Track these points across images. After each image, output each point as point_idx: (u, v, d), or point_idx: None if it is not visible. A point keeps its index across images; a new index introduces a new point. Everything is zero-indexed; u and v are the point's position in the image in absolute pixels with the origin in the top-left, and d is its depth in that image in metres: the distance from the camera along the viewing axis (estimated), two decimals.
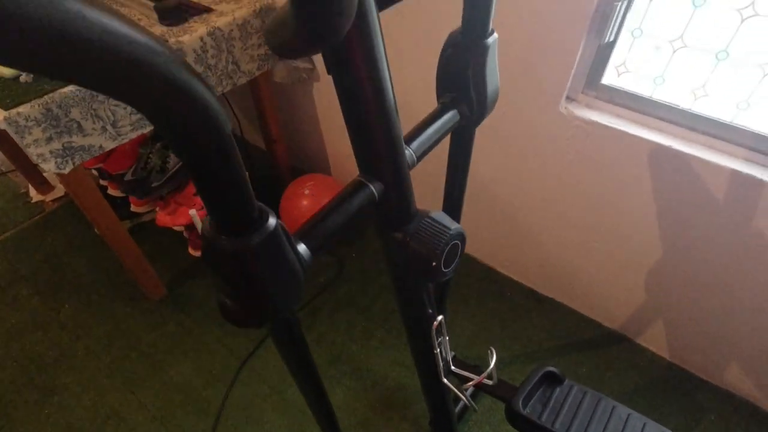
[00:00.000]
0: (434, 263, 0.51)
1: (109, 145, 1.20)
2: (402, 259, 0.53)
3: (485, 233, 1.59)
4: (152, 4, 1.27)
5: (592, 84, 1.10)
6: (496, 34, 0.54)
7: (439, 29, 1.19)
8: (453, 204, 0.73)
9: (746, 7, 0.86)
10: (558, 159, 1.23)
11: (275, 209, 1.73)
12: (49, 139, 1.08)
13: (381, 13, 0.39)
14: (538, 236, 1.46)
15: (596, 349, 1.48)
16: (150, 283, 1.60)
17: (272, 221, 0.36)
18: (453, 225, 0.52)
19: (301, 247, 0.43)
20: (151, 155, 1.61)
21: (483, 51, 0.53)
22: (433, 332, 0.69)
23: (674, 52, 0.98)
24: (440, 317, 0.69)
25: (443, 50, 0.56)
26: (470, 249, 1.70)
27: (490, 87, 0.57)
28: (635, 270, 1.31)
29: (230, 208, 0.33)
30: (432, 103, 0.59)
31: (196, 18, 1.32)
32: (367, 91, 0.41)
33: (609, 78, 1.08)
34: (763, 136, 0.96)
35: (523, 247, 1.53)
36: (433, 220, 0.52)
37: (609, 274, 1.38)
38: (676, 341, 1.39)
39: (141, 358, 1.49)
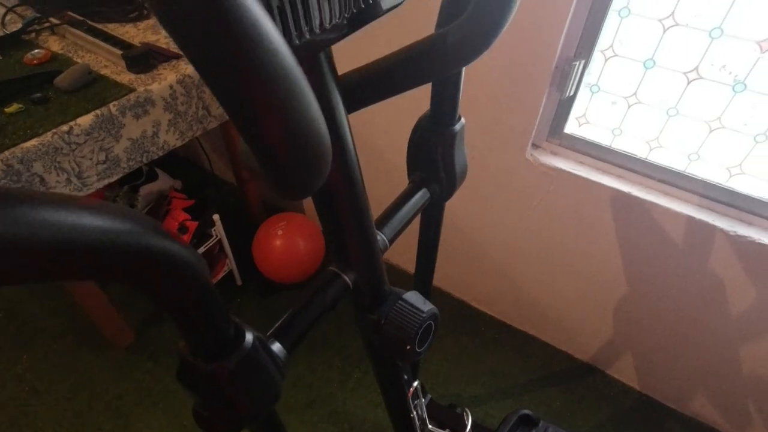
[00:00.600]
0: (408, 347, 0.52)
1: None
2: (376, 340, 0.54)
3: (459, 269, 1.61)
4: (120, 52, 1.26)
5: (555, 133, 1.15)
6: (463, 120, 0.56)
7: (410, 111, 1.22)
8: (424, 277, 0.74)
9: (691, 70, 0.92)
10: (526, 202, 1.27)
11: (247, 248, 1.71)
12: None
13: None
14: (509, 273, 1.50)
15: (568, 382, 1.51)
16: (116, 330, 1.54)
17: (249, 338, 0.36)
18: (426, 307, 0.53)
19: (276, 347, 0.43)
20: (117, 198, 1.57)
21: (451, 136, 0.55)
22: (409, 398, 0.69)
23: (629, 107, 1.04)
24: (416, 383, 0.69)
25: (413, 132, 0.58)
26: (444, 284, 1.72)
27: (459, 166, 0.59)
28: (602, 305, 1.36)
29: (205, 334, 0.33)
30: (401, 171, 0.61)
31: (164, 65, 1.31)
32: (341, 196, 0.42)
33: (571, 128, 1.14)
34: (713, 184, 1.02)
35: (495, 283, 1.56)
36: (406, 302, 0.53)
37: (578, 309, 1.43)
38: (644, 372, 1.44)
39: (107, 411, 1.42)
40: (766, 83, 0.87)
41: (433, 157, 0.57)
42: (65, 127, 1.09)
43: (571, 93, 1.06)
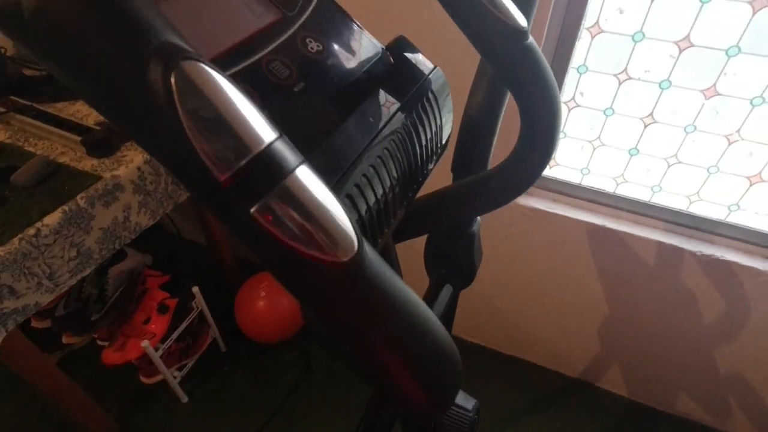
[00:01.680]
0: None
1: (46, 299, 1.10)
2: None
3: None
4: (78, 138, 1.20)
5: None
6: (479, 218, 0.59)
7: None
8: None
9: (647, 116, 1.01)
10: (507, 240, 1.33)
11: (228, 310, 1.65)
12: None
13: None
14: (495, 303, 1.55)
15: (564, 400, 1.57)
16: (96, 421, 1.44)
17: None
18: (470, 404, 0.55)
19: None
20: (84, 283, 1.48)
21: (470, 237, 0.58)
22: None
23: (594, 149, 1.12)
24: None
25: (429, 238, 0.60)
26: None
27: (477, 258, 0.62)
28: (586, 325, 1.43)
29: None
30: None
31: (127, 145, 1.26)
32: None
33: (548, 171, 1.20)
34: (676, 211, 1.12)
35: (482, 314, 1.61)
36: (454, 405, 0.54)
37: (563, 331, 1.49)
38: (632, 380, 1.52)
39: None
40: (713, 124, 0.97)
41: (455, 258, 0.59)
42: (32, 230, 1.02)
43: None
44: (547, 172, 1.22)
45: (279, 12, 0.33)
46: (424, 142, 0.36)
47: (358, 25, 0.37)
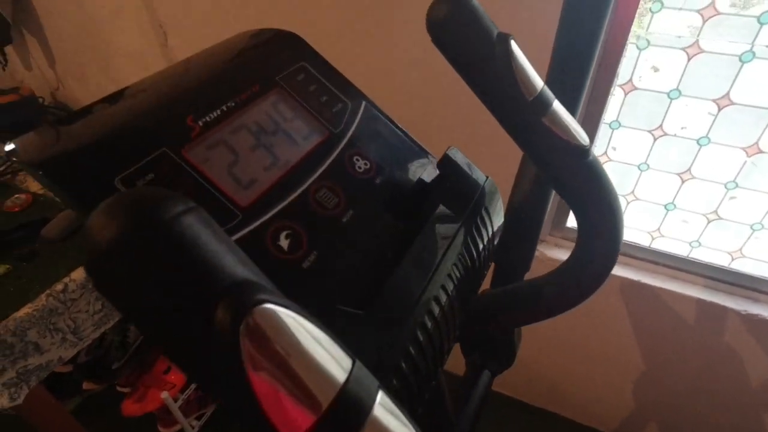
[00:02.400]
0: None
1: (70, 354, 1.09)
2: None
3: None
4: None
5: (558, 227, 1.18)
6: None
7: None
8: None
9: (685, 171, 0.98)
10: None
11: None
12: (1, 372, 0.96)
13: None
14: (520, 353, 1.48)
15: None
16: None
17: None
18: None
19: None
20: (107, 331, 1.47)
21: None
22: None
23: (628, 203, 1.08)
24: None
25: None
26: (456, 369, 1.68)
27: (517, 342, 0.59)
28: (620, 379, 1.36)
29: None
30: None
31: None
32: None
33: (572, 221, 1.17)
34: (717, 267, 1.06)
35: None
36: None
37: (597, 386, 1.42)
38: None
39: None
40: (756, 181, 0.93)
41: (493, 345, 0.56)
42: (60, 286, 1.02)
43: None
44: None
45: (326, 130, 0.32)
46: (481, 256, 0.33)
47: (405, 134, 0.36)
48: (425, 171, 0.34)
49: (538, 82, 0.30)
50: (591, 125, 0.98)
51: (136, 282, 0.13)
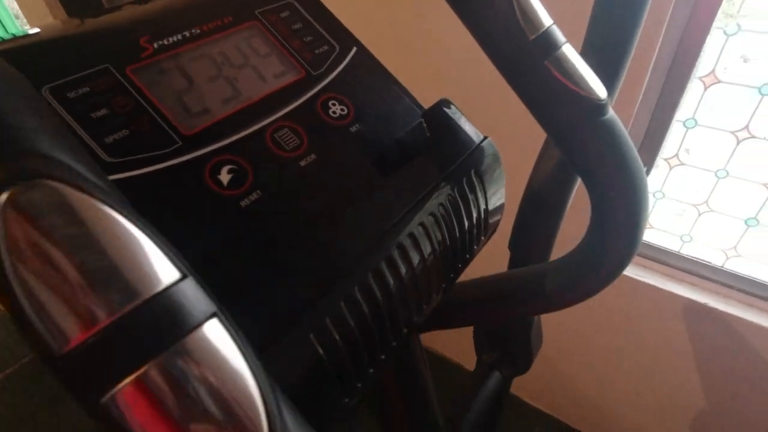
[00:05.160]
0: None
1: None
2: None
3: None
4: None
5: None
6: None
7: None
8: None
9: None
10: (590, 310, 1.17)
11: None
12: None
13: None
14: (565, 371, 1.38)
15: None
16: None
17: None
18: None
19: None
20: None
21: (528, 321, 0.49)
22: None
23: (699, 215, 0.95)
24: None
25: None
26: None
27: (535, 346, 0.52)
28: (669, 412, 1.21)
29: None
30: None
31: None
32: None
33: None
34: None
35: (550, 379, 1.44)
36: None
37: (640, 412, 1.28)
38: None
39: None
40: None
41: (508, 343, 0.50)
42: None
43: None
44: None
45: (302, 70, 0.29)
46: (463, 229, 0.29)
47: (397, 85, 0.32)
48: (412, 126, 0.30)
49: (546, 19, 0.25)
50: (662, 122, 0.88)
51: None
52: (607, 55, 0.36)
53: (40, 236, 0.11)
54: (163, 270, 0.12)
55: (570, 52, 0.25)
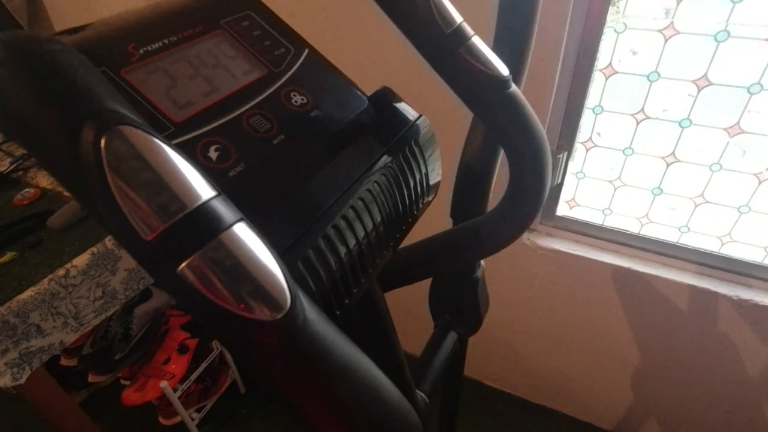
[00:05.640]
0: None
1: (71, 339, 1.13)
2: None
3: (471, 350, 1.59)
4: None
5: (548, 216, 1.19)
6: (483, 263, 0.58)
7: None
8: (450, 412, 0.72)
9: (669, 155, 0.98)
10: (528, 282, 1.28)
11: None
12: (4, 352, 1.00)
13: None
14: (520, 350, 1.48)
15: None
16: None
17: None
18: None
19: None
20: (111, 322, 1.51)
21: (473, 284, 0.56)
22: None
23: (615, 189, 1.09)
24: None
25: (433, 282, 0.59)
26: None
27: (482, 304, 0.60)
28: (618, 373, 1.34)
29: None
30: None
31: None
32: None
33: (563, 210, 1.18)
34: (708, 252, 1.06)
35: (507, 361, 1.54)
36: None
37: (593, 380, 1.41)
38: None
39: None
40: (740, 162, 0.93)
41: (458, 305, 0.57)
42: (61, 271, 1.07)
43: (559, 181, 1.10)
44: (567, 212, 1.19)
45: (265, 68, 0.35)
46: (408, 189, 0.36)
47: (345, 79, 0.38)
48: (361, 110, 0.36)
49: (457, 17, 0.32)
50: (574, 110, 1.00)
51: (20, 94, 0.16)
52: (513, 43, 0.44)
53: (130, 162, 0.16)
54: (205, 188, 0.17)
55: (478, 42, 0.33)
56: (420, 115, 0.37)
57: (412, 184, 0.35)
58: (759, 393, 1.16)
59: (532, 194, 0.37)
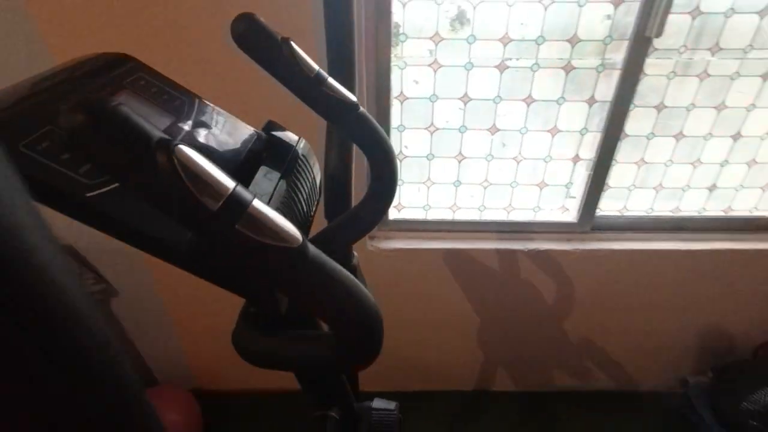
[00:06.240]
0: None
1: None
2: None
3: None
4: None
5: (383, 222, 1.41)
6: (356, 254, 0.72)
7: None
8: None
9: (458, 154, 1.30)
10: (382, 281, 1.48)
11: None
12: None
13: None
14: (387, 345, 1.65)
15: (469, 413, 1.72)
16: None
17: None
18: (392, 405, 0.65)
19: None
20: None
21: (352, 271, 0.70)
22: None
23: (428, 189, 1.36)
24: None
25: None
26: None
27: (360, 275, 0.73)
28: (465, 339, 1.63)
29: None
30: None
31: None
32: None
33: (393, 214, 1.41)
34: (500, 221, 1.41)
35: (379, 361, 1.69)
36: (379, 410, 0.63)
37: (448, 351, 1.67)
38: (515, 375, 1.75)
39: None
40: (503, 151, 1.29)
41: None
42: None
43: None
44: (397, 215, 1.43)
45: (172, 117, 0.43)
46: (305, 194, 0.47)
47: (232, 117, 0.48)
48: (254, 141, 0.47)
49: (315, 66, 0.46)
50: (384, 129, 1.24)
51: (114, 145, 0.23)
52: (342, 80, 0.60)
53: (189, 163, 0.24)
54: (228, 180, 0.27)
55: (333, 81, 0.47)
56: (299, 138, 0.50)
57: (307, 189, 0.47)
58: (559, 317, 1.57)
59: (389, 186, 0.53)
